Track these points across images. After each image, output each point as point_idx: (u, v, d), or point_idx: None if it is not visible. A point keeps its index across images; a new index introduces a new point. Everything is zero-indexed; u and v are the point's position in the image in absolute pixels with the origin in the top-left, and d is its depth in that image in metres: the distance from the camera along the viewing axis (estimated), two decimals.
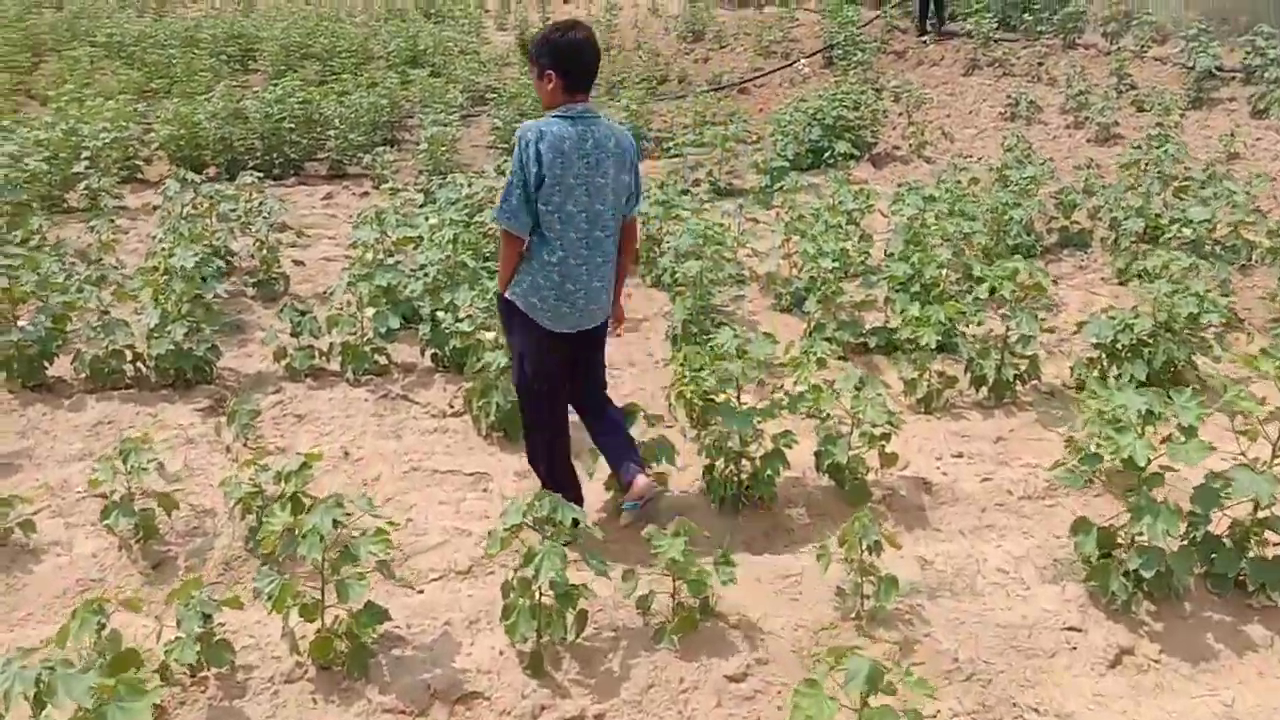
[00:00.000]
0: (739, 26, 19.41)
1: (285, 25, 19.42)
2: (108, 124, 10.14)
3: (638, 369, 6.29)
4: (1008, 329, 5.49)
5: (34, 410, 5.51)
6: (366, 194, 10.74)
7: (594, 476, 4.47)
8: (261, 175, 9.44)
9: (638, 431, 4.42)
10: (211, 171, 11.20)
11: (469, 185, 7.97)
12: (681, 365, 5.18)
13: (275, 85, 12.70)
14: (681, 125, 13.07)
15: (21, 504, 4.30)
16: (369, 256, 6.72)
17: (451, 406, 5.61)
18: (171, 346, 5.59)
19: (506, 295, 4.00)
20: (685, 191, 9.83)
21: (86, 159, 9.29)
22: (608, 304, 4.14)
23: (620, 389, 6.00)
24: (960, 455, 5.06)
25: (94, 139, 9.48)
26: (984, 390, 5.56)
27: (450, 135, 11.11)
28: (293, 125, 11.30)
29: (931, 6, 16.66)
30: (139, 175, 10.97)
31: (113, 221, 8.36)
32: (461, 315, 5.50)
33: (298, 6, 24.19)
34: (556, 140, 3.69)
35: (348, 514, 3.34)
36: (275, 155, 11.29)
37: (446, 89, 15.06)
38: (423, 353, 6.12)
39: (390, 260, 6.69)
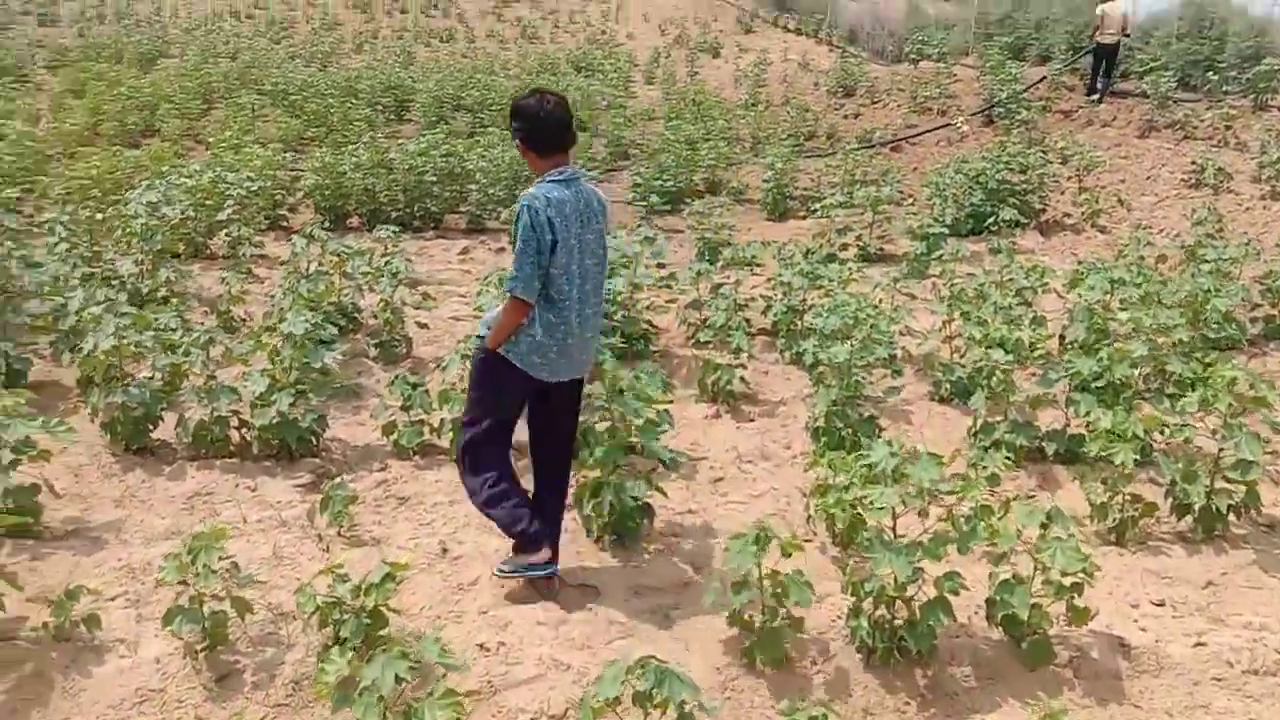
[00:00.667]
0: (892, 82, 18.59)
1: (440, 78, 19.66)
2: (253, 172, 10.12)
3: (771, 463, 5.57)
4: (1220, 450, 4.54)
5: (134, 476, 5.18)
6: (503, 249, 10.42)
7: (711, 605, 3.75)
8: (401, 228, 9.22)
9: (770, 560, 3.68)
10: (354, 221, 11.11)
11: None
12: (826, 469, 4.46)
13: (423, 137, 12.65)
14: (829, 184, 12.34)
15: (89, 595, 3.89)
16: None
17: None
18: (276, 417, 5.19)
19: (501, 353, 3.95)
20: (831, 257, 9.10)
21: (232, 206, 9.22)
22: (596, 354, 4.34)
23: (753, 486, 5.30)
24: (1162, 604, 4.14)
25: (239, 186, 9.42)
26: (1188, 520, 4.60)
27: None
28: (435, 178, 11.10)
29: (1103, 64, 15.48)
30: (284, 223, 10.95)
31: (249, 272, 8.22)
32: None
33: (455, 60, 24.65)
34: (559, 205, 3.82)
35: (415, 665, 2.74)
36: (416, 208, 11.11)
37: (590, 143, 14.79)
38: None
39: None
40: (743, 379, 6.33)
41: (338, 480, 4.79)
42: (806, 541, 4.46)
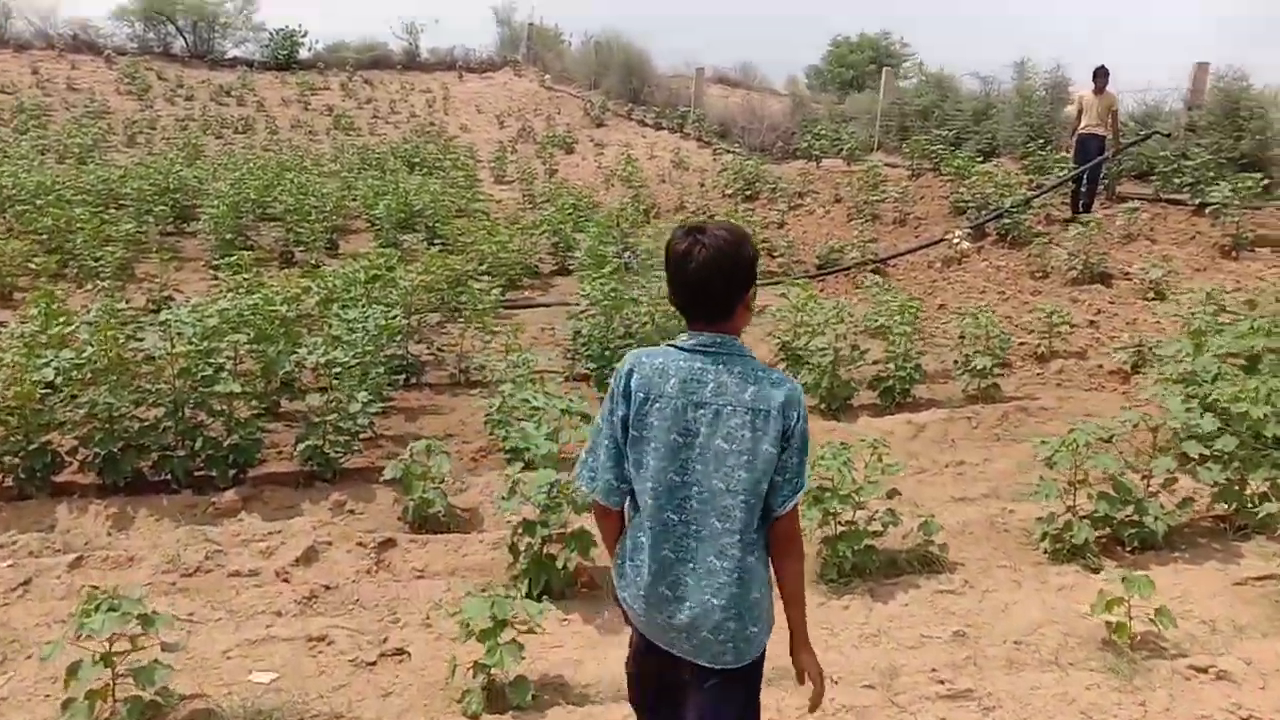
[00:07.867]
0: (805, 183, 14.25)
1: (237, 177, 13.61)
2: None
3: None
4: None
5: None
6: (393, 546, 4.74)
7: None
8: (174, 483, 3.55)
9: None
10: (74, 470, 5.15)
11: None
12: None
13: (215, 293, 6.83)
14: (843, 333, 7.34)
15: None
16: None
17: None
18: None
19: None
20: None
21: None
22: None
23: None
24: None
25: None
26: None
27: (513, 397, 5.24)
28: (241, 388, 5.33)
29: (1089, 164, 10.99)
30: None
31: None
32: None
33: (256, 155, 18.45)
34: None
35: None
36: (200, 440, 5.28)
37: (468, 272, 9.31)
38: None
39: None
40: None
41: None
42: None
